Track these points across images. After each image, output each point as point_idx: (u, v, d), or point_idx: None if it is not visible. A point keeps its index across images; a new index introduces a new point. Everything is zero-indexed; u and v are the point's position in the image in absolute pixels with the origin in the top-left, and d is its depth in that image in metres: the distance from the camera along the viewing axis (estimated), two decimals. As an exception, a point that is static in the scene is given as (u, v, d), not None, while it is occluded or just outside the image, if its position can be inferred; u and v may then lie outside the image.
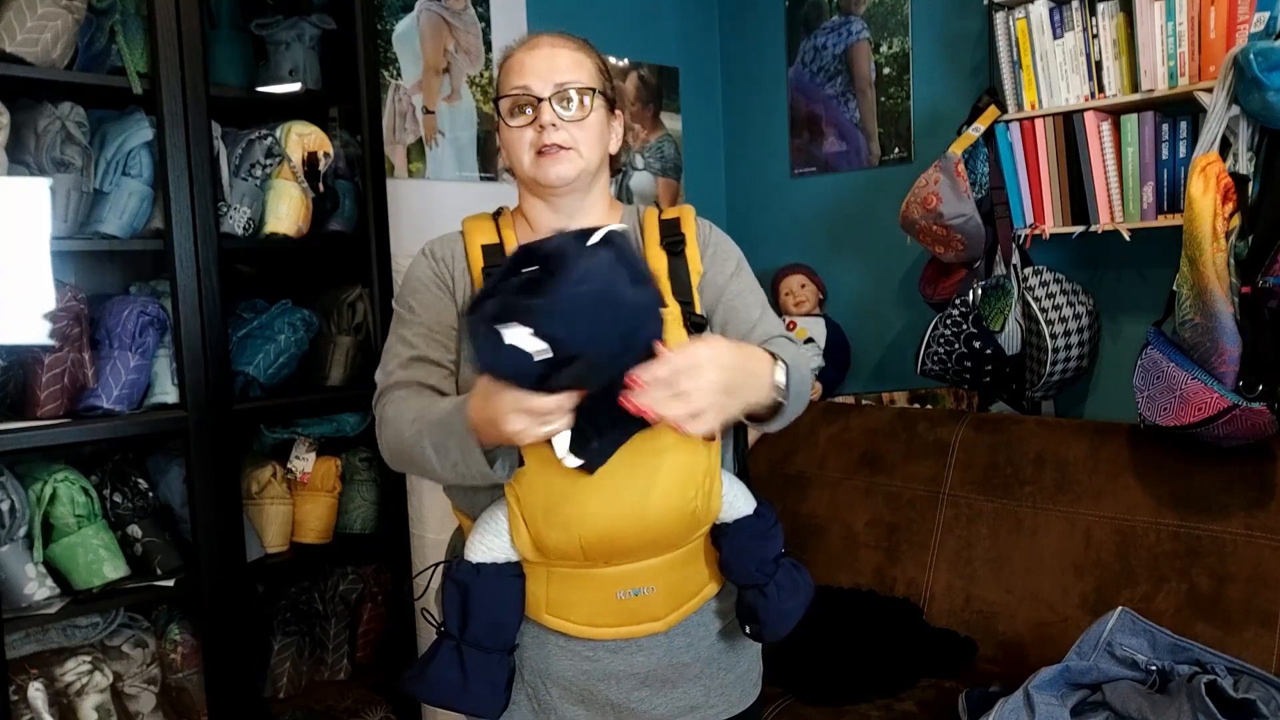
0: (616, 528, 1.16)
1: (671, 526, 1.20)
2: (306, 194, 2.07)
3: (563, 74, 1.26)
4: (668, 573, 1.24)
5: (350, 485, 2.26)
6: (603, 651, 1.27)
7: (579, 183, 1.29)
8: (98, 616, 1.92)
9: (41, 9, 1.72)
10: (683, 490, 1.18)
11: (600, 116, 1.29)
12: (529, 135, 1.26)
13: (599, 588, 1.22)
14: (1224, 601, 1.87)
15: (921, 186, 2.33)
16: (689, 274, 1.29)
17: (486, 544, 1.20)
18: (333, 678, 2.23)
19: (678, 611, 1.27)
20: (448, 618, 1.21)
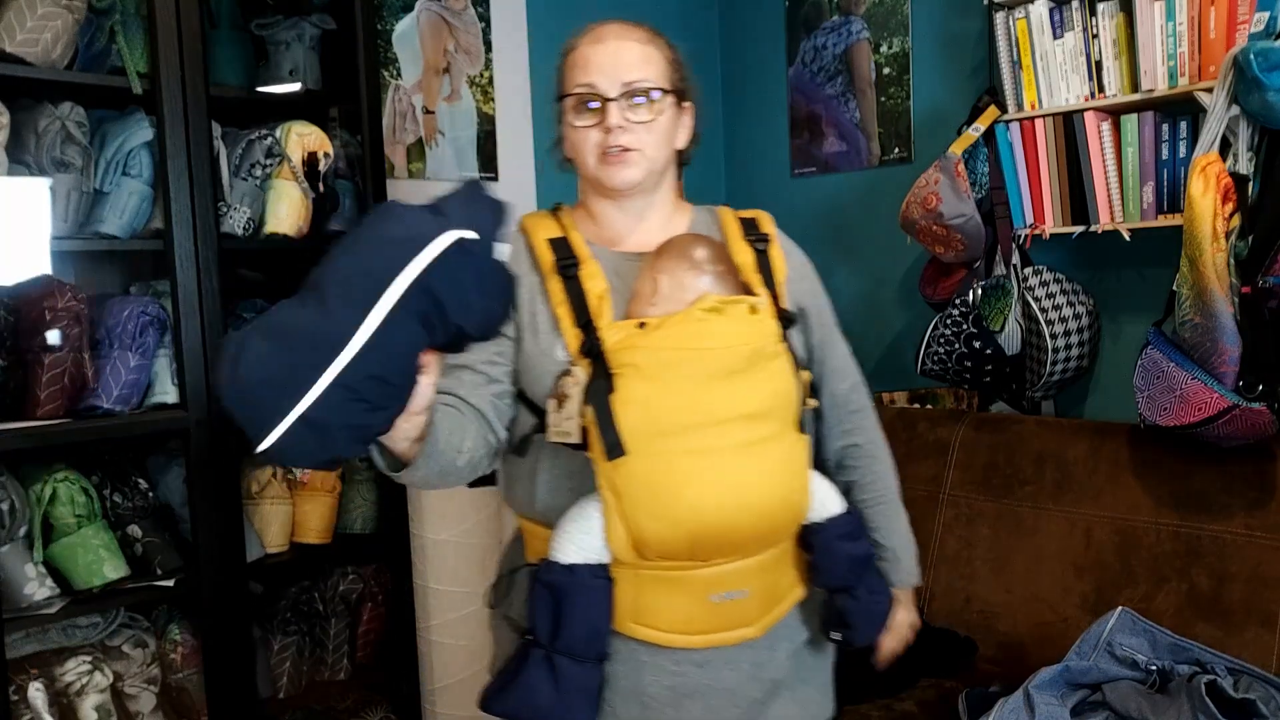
0: (729, 518, 1.10)
1: (780, 518, 1.16)
2: (306, 194, 2.07)
3: (631, 72, 1.20)
4: (761, 575, 1.19)
5: (350, 485, 2.26)
6: (689, 664, 1.19)
7: (646, 183, 1.25)
8: (98, 616, 1.92)
9: (41, 9, 1.72)
10: (789, 480, 1.16)
11: (669, 115, 1.25)
12: (594, 136, 1.21)
13: (692, 591, 1.15)
14: (1224, 601, 1.87)
15: (921, 186, 2.33)
16: (773, 271, 1.27)
17: (578, 543, 1.13)
18: (333, 678, 2.23)
19: (770, 616, 1.22)
20: (537, 624, 1.13)
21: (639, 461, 1.08)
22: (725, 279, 1.20)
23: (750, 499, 1.11)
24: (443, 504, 2.31)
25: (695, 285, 1.17)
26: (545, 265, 1.23)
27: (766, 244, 1.29)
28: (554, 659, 1.12)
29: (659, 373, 1.10)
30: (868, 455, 1.37)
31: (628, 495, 1.09)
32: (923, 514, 2.32)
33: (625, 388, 1.10)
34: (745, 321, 1.16)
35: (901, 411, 2.58)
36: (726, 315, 1.14)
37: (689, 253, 1.19)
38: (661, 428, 1.09)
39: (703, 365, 1.11)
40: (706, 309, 1.13)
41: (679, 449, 1.09)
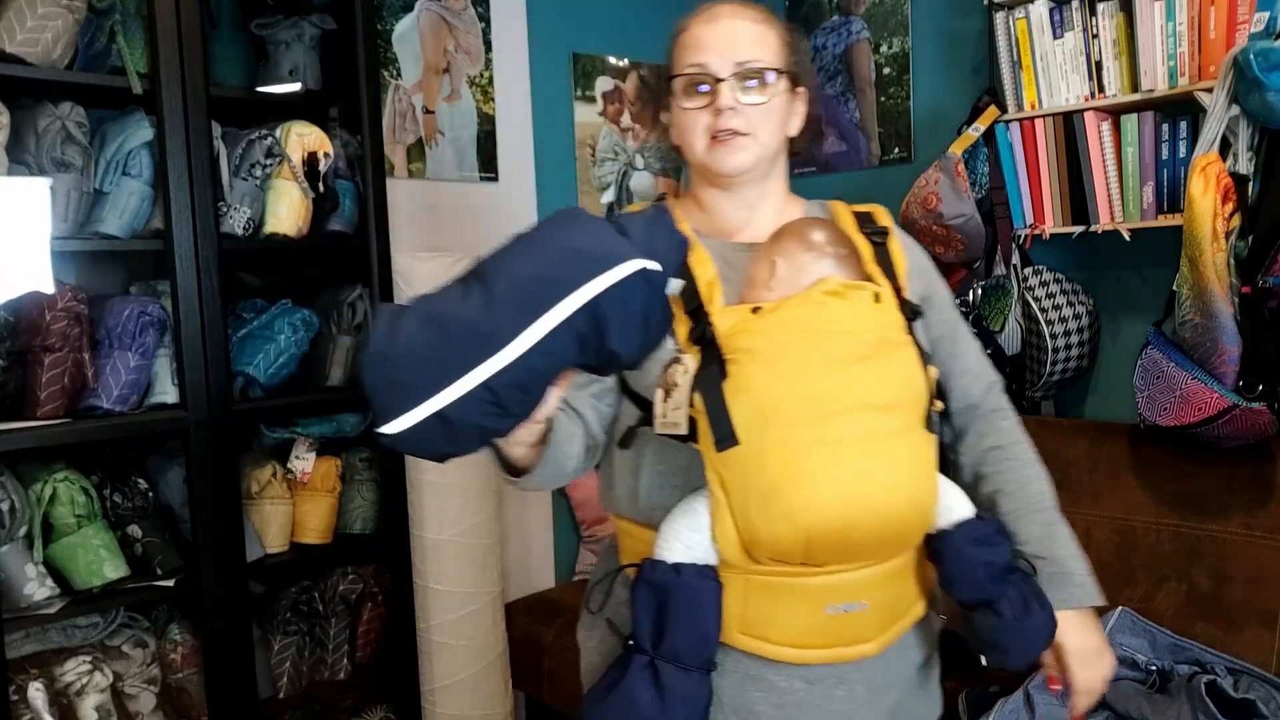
0: (849, 518, 1.00)
1: (906, 521, 1.06)
2: (306, 194, 2.06)
3: (744, 51, 1.14)
4: (882, 586, 1.09)
5: (350, 485, 2.26)
6: (799, 681, 1.10)
7: (756, 171, 1.18)
8: (98, 616, 1.92)
9: (41, 9, 1.72)
10: (917, 479, 1.06)
11: (783, 99, 1.17)
12: (704, 119, 1.15)
13: (806, 600, 1.06)
14: (1224, 601, 1.87)
15: (921, 186, 2.33)
16: (894, 263, 1.18)
17: (685, 540, 1.05)
18: (333, 678, 2.23)
19: (888, 633, 1.12)
20: (639, 628, 1.04)
21: (752, 452, 1.00)
22: (847, 263, 1.12)
23: (874, 497, 1.01)
24: (443, 504, 2.31)
25: (815, 269, 1.09)
26: None
27: (885, 237, 1.20)
28: (658, 666, 1.03)
29: (775, 358, 1.02)
30: (1012, 458, 1.25)
31: (739, 489, 1.01)
32: (923, 514, 2.33)
33: (738, 374, 1.02)
34: (869, 308, 1.07)
35: (901, 411, 2.58)
36: (849, 300, 1.06)
37: (808, 235, 1.12)
38: (777, 417, 1.00)
39: (823, 350, 1.03)
40: (827, 291, 1.06)
41: (796, 440, 1.00)
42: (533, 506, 2.86)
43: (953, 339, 1.25)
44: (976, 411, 1.26)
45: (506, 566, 2.70)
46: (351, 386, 2.20)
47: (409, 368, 0.88)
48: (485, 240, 3.00)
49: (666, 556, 1.05)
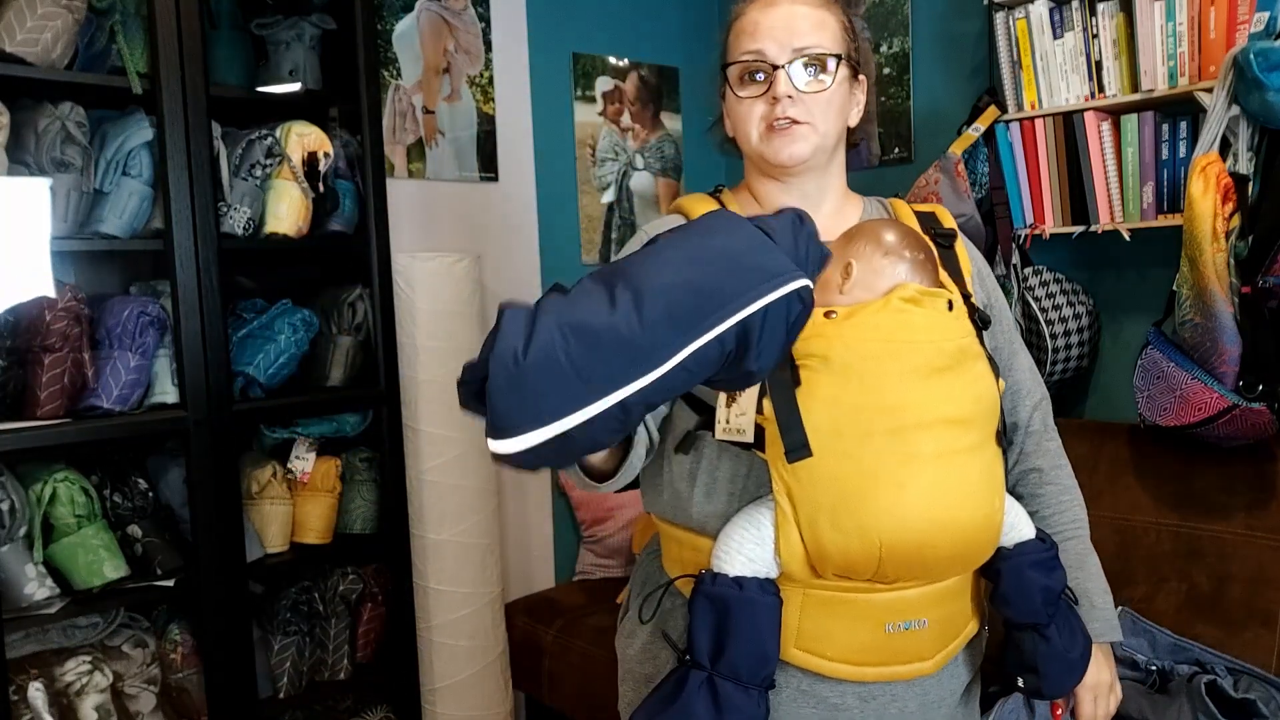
0: (924, 535, 0.97)
1: (979, 539, 1.03)
2: (306, 194, 2.07)
3: (803, 37, 1.09)
4: (942, 604, 1.06)
5: (350, 485, 2.26)
6: (853, 698, 1.08)
7: (814, 161, 1.13)
8: (98, 616, 1.92)
9: (41, 9, 1.72)
10: (991, 497, 1.02)
11: (843, 87, 1.12)
12: (760, 108, 1.10)
13: (866, 617, 1.03)
14: (1224, 601, 1.87)
15: (921, 186, 2.33)
16: (961, 267, 1.15)
17: (748, 553, 1.01)
18: (333, 678, 2.23)
19: (945, 651, 1.09)
20: (697, 643, 1.01)
21: (825, 464, 0.96)
22: (923, 268, 1.07)
23: (951, 514, 0.98)
24: (443, 504, 2.31)
25: (892, 273, 1.04)
26: None
27: (952, 240, 1.16)
28: (716, 683, 0.99)
29: (852, 367, 0.98)
30: (1051, 483, 1.23)
31: (810, 501, 0.98)
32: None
33: (813, 382, 0.98)
34: (945, 316, 1.03)
35: (901, 411, 2.58)
36: (926, 307, 1.02)
37: (884, 238, 1.06)
38: (854, 428, 0.97)
39: (902, 361, 0.99)
40: (905, 298, 1.01)
41: (871, 452, 0.96)
42: (533, 506, 2.86)
43: (1010, 351, 1.22)
44: (1024, 430, 1.23)
45: (506, 566, 2.70)
46: (351, 386, 2.20)
47: (547, 381, 0.78)
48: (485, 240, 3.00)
49: (728, 569, 1.01)
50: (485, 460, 2.38)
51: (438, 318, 2.28)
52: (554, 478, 2.89)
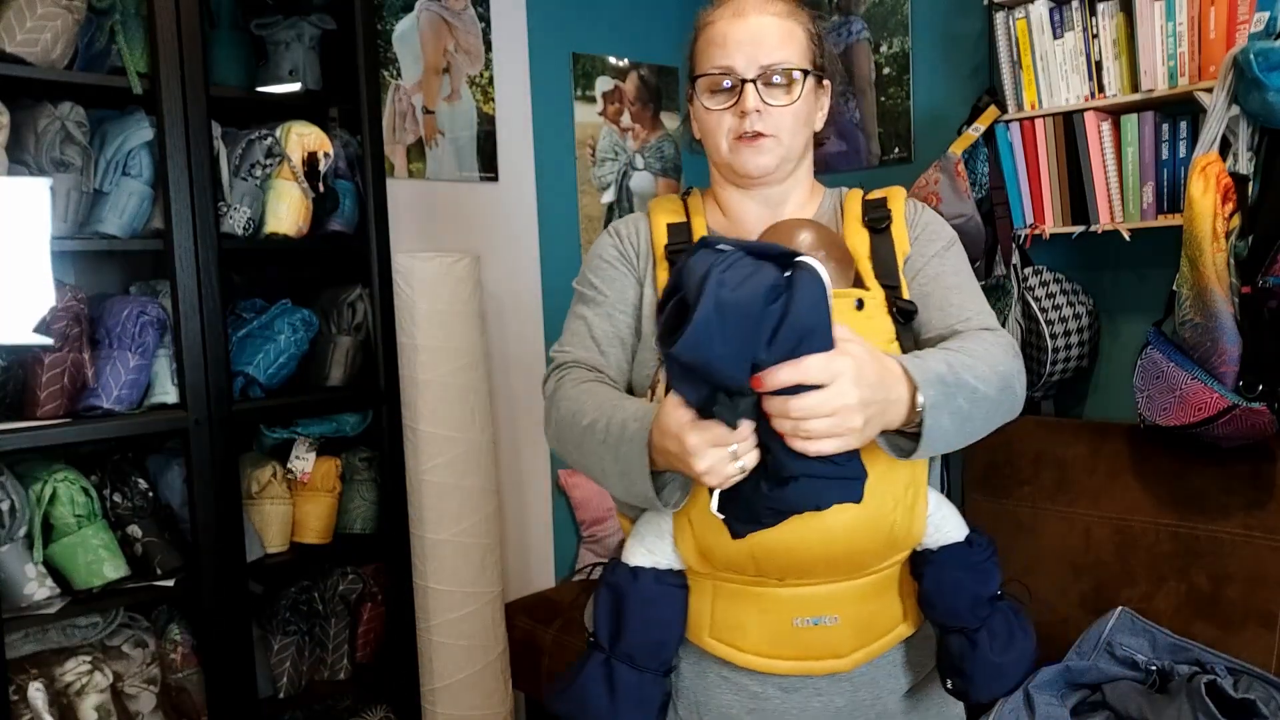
0: (795, 538, 0.99)
1: (862, 543, 1.03)
2: (306, 194, 2.07)
3: (771, 53, 1.11)
4: (855, 602, 1.07)
5: (350, 485, 2.26)
6: (773, 688, 1.10)
7: (779, 172, 1.17)
8: (98, 616, 1.92)
9: (41, 9, 1.72)
10: (879, 500, 1.01)
11: (808, 98, 1.15)
12: (728, 120, 1.13)
13: (773, 610, 1.06)
14: (1223, 601, 1.87)
15: (921, 186, 2.33)
16: (894, 253, 1.14)
17: (647, 546, 1.07)
18: (333, 677, 2.23)
19: (865, 650, 1.10)
20: (599, 627, 1.07)
21: None
22: (831, 267, 1.06)
23: (823, 520, 0.98)
24: (443, 504, 2.31)
25: None
26: (659, 248, 1.17)
27: (888, 222, 1.16)
28: (613, 664, 1.05)
29: None
30: (978, 339, 1.11)
31: (696, 500, 1.01)
32: (923, 514, 2.33)
33: None
34: (850, 316, 1.05)
35: (901, 411, 2.58)
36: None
37: (792, 238, 1.09)
38: None
39: None
40: None
41: None
42: (533, 506, 2.86)
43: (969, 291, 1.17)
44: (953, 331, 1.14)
45: (506, 566, 2.70)
46: (351, 386, 2.20)
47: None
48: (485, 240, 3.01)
49: (629, 560, 1.07)
50: (485, 460, 2.38)
51: (438, 318, 2.28)
52: (554, 477, 2.90)
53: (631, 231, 1.23)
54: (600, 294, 1.20)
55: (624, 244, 1.22)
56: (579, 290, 1.23)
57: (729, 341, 0.81)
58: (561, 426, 1.09)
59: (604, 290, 1.20)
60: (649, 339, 1.15)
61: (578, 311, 1.21)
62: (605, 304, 1.19)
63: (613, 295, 1.19)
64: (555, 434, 1.12)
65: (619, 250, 1.22)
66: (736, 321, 0.80)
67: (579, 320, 1.20)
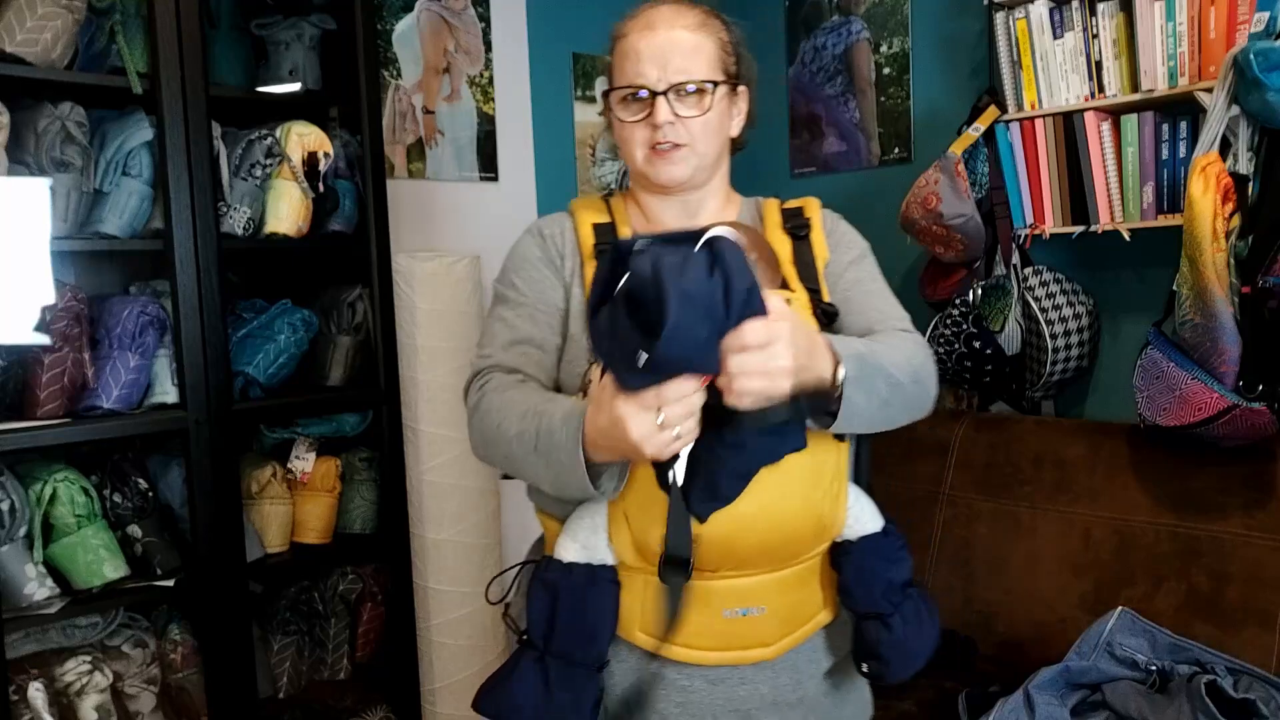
0: (738, 528, 1.03)
1: (797, 532, 1.08)
2: (306, 194, 2.07)
3: (680, 69, 1.14)
4: (781, 593, 1.11)
5: (350, 485, 2.26)
6: (700, 680, 1.13)
7: (694, 180, 1.20)
8: (98, 616, 1.92)
9: (41, 9, 1.72)
10: (810, 490, 1.07)
11: (721, 107, 1.18)
12: (642, 132, 1.17)
13: (704, 604, 1.08)
14: (1223, 601, 1.87)
15: (921, 186, 2.33)
16: (814, 259, 1.20)
17: (581, 542, 1.07)
18: (333, 677, 2.23)
19: (789, 638, 1.14)
20: (532, 625, 1.08)
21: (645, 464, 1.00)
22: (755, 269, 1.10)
23: (761, 510, 1.03)
24: (442, 504, 2.31)
25: None
26: (586, 248, 1.20)
27: (807, 230, 1.21)
28: (546, 661, 1.06)
29: None
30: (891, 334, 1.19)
31: (632, 493, 1.03)
32: (922, 514, 2.32)
33: None
34: None
35: (901, 411, 2.58)
36: None
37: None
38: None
39: None
40: None
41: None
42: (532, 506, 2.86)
43: (870, 293, 1.22)
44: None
45: (506, 566, 2.70)
46: (351, 386, 2.20)
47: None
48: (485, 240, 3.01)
49: (562, 556, 1.07)
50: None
51: (438, 318, 2.28)
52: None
53: (555, 231, 1.24)
54: (521, 295, 1.21)
55: (548, 244, 1.23)
56: (499, 291, 1.24)
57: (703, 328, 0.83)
58: (488, 440, 1.10)
59: (525, 291, 1.21)
60: (578, 339, 1.16)
61: (498, 313, 1.22)
62: (527, 305, 1.20)
63: (534, 296, 1.20)
64: (482, 448, 1.12)
65: (542, 250, 1.23)
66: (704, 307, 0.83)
67: (499, 322, 1.21)
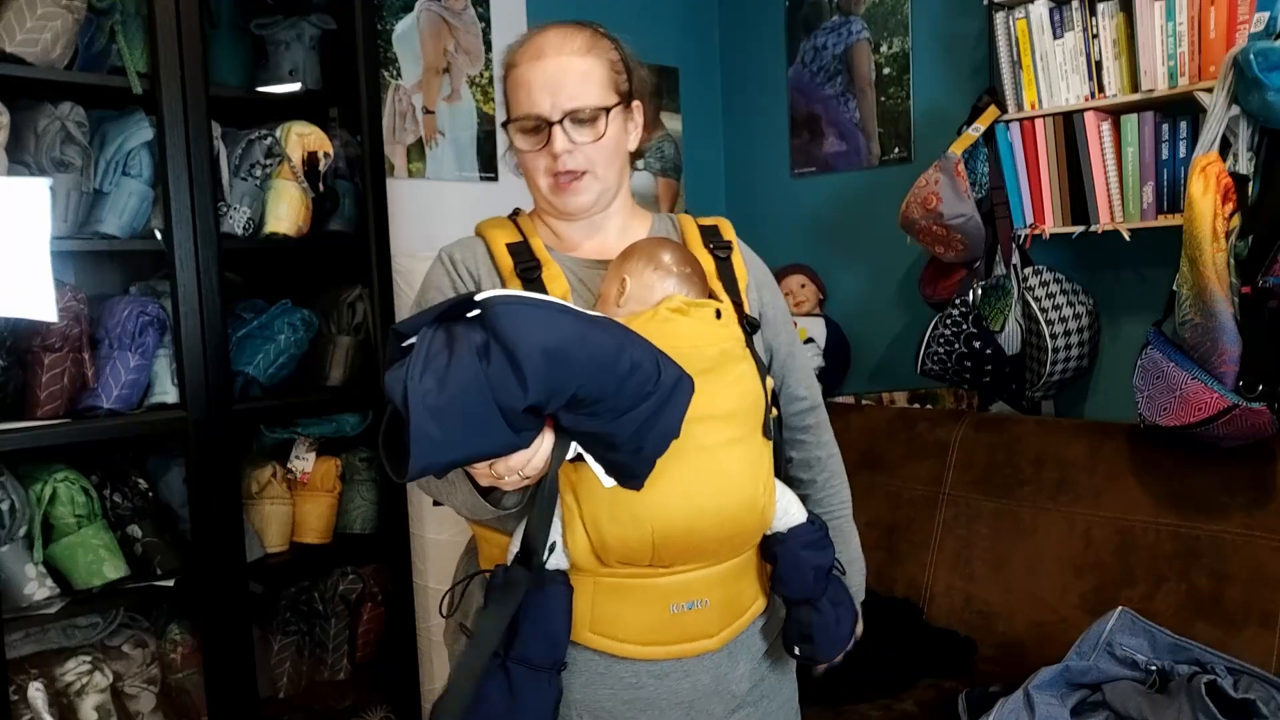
0: (694, 522, 1.09)
1: (745, 523, 1.14)
2: (306, 194, 2.07)
3: (571, 97, 1.17)
4: (722, 585, 1.17)
5: (350, 485, 2.26)
6: (647, 676, 1.17)
7: (599, 203, 1.24)
8: (98, 616, 1.92)
9: (41, 9, 1.72)
10: (755, 484, 1.13)
11: (617, 128, 1.22)
12: (542, 160, 1.20)
13: (652, 600, 1.13)
14: (1224, 601, 1.87)
15: (921, 186, 2.33)
16: (735, 277, 1.26)
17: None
18: (333, 678, 2.23)
19: (729, 629, 1.20)
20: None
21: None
22: (691, 282, 1.19)
23: (715, 502, 1.10)
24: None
25: (662, 287, 1.16)
26: (505, 269, 1.21)
27: (729, 251, 1.28)
28: (510, 669, 1.08)
29: None
30: (823, 470, 1.37)
31: (590, 498, 1.07)
32: (922, 514, 2.33)
33: None
34: (711, 324, 1.14)
35: (901, 411, 2.58)
36: (692, 317, 1.13)
37: (656, 255, 1.18)
38: None
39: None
40: (672, 309, 1.12)
41: None
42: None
43: (792, 354, 1.34)
44: (799, 421, 1.36)
45: (506, 566, 2.69)
46: (351, 386, 2.20)
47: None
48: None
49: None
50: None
51: (438, 318, 2.28)
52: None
53: (468, 256, 1.26)
54: None
55: (458, 270, 1.25)
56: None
57: (461, 432, 0.90)
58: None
59: None
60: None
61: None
62: None
63: None
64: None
65: (451, 278, 1.25)
66: (460, 412, 0.89)
67: None
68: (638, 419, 0.98)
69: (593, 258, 1.26)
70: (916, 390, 2.72)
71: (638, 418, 0.98)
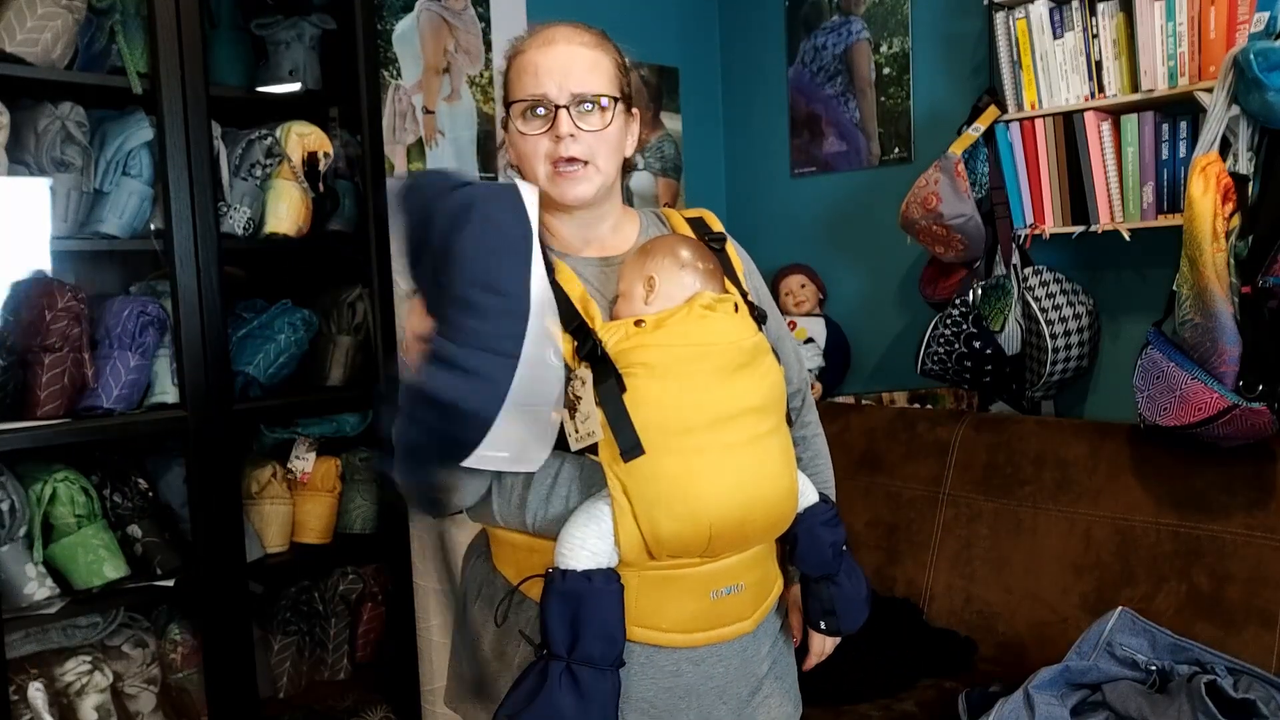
0: (747, 513, 1.12)
1: (785, 510, 1.18)
2: (306, 194, 2.07)
3: (581, 81, 1.17)
4: (754, 568, 1.21)
5: (350, 485, 2.26)
6: (685, 663, 1.19)
7: (596, 199, 1.23)
8: (98, 616, 1.92)
9: (41, 9, 1.72)
10: (791, 471, 1.18)
11: (619, 124, 1.22)
12: (544, 145, 1.18)
13: (693, 589, 1.16)
14: (1224, 601, 1.87)
15: (921, 186, 2.33)
16: (735, 268, 1.29)
17: (591, 547, 1.10)
18: (333, 678, 2.23)
19: (760, 609, 1.24)
20: (554, 636, 1.09)
21: (657, 460, 1.08)
22: (714, 277, 1.22)
23: (764, 491, 1.13)
24: (443, 504, 2.30)
25: (689, 283, 1.18)
26: None
27: (722, 243, 1.30)
28: (575, 670, 1.08)
29: (671, 370, 1.11)
30: (807, 447, 1.40)
31: (645, 495, 1.08)
32: (922, 514, 2.33)
33: (637, 387, 1.09)
34: (736, 318, 1.18)
35: (901, 411, 2.58)
36: (720, 312, 1.16)
37: (679, 252, 1.20)
38: (677, 425, 1.09)
39: (711, 361, 1.13)
40: (704, 306, 1.15)
41: (695, 446, 1.09)
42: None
43: (778, 338, 1.34)
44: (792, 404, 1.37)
45: (506, 566, 2.69)
46: (351, 386, 2.20)
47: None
48: (485, 240, 2.93)
49: (575, 565, 1.10)
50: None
51: (438, 318, 2.28)
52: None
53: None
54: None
55: None
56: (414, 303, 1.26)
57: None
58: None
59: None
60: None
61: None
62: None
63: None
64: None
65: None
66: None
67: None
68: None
69: (592, 256, 1.27)
70: (916, 390, 2.72)
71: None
